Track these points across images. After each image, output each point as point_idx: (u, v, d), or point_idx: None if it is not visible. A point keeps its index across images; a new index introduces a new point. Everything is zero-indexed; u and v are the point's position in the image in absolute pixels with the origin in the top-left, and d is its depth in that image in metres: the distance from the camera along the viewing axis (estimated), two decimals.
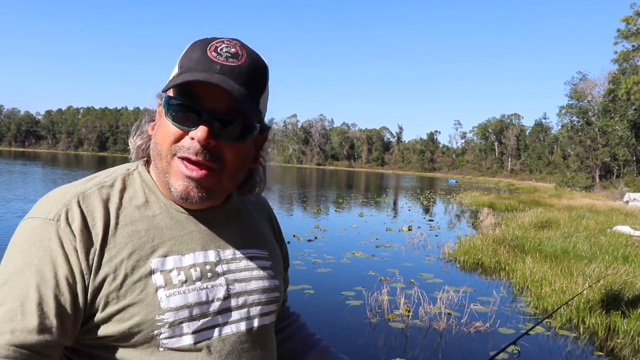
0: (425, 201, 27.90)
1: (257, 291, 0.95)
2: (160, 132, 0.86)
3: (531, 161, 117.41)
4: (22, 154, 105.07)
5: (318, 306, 6.13)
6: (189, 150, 0.83)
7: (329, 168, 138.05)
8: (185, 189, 0.84)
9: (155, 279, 0.83)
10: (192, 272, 0.86)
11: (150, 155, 0.90)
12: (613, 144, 49.99)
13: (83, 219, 0.82)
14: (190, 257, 0.88)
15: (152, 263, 0.83)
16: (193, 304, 0.84)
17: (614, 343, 5.26)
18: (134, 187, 0.90)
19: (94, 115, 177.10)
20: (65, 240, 0.79)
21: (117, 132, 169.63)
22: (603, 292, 6.37)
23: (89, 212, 0.83)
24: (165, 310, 0.82)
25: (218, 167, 0.85)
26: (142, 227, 0.86)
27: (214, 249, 0.92)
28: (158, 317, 0.81)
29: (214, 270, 0.89)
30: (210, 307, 0.87)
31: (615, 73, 46.65)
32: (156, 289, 0.82)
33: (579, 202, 24.42)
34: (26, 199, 16.09)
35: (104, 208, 0.84)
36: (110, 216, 0.84)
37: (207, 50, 0.83)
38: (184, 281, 0.85)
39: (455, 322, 5.69)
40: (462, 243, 10.36)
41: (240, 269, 0.94)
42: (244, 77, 0.83)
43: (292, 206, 20.29)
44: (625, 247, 9.98)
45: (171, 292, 0.83)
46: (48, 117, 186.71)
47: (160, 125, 0.87)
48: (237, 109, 0.83)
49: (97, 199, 0.85)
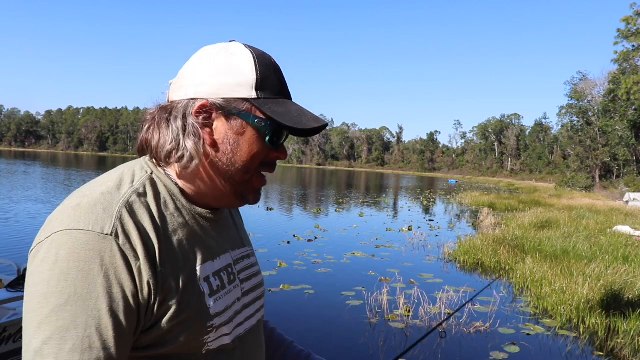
0: (425, 201, 27.90)
1: (256, 287, 1.02)
2: (247, 151, 0.88)
3: (531, 161, 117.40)
4: (22, 154, 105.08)
5: (318, 306, 6.13)
6: (271, 167, 0.92)
7: (329, 168, 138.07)
8: (259, 196, 0.94)
9: (203, 287, 0.85)
10: (223, 275, 0.91)
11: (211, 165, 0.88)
12: (613, 144, 49.99)
13: (139, 232, 0.78)
14: (218, 262, 0.91)
15: (198, 270, 0.85)
16: (228, 307, 0.89)
17: (614, 343, 5.26)
18: (162, 192, 0.87)
19: (94, 115, 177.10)
20: (130, 257, 0.75)
21: (117, 132, 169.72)
22: (603, 292, 6.37)
23: (141, 223, 0.79)
24: (213, 316, 0.85)
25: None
26: (183, 235, 0.85)
27: (229, 251, 0.96)
28: (209, 322, 0.85)
29: (233, 272, 0.95)
30: (235, 307, 0.92)
31: (615, 73, 46.65)
32: (205, 296, 0.85)
33: (579, 202, 24.43)
34: (31, 199, 16.10)
35: (150, 218, 0.81)
36: (159, 226, 0.81)
37: (278, 73, 0.91)
38: (221, 286, 0.89)
39: (456, 322, 5.70)
40: (462, 243, 10.36)
41: (245, 268, 1.00)
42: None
43: (292, 206, 20.29)
44: (625, 247, 9.99)
45: (215, 298, 0.87)
46: (48, 117, 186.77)
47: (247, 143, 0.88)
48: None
49: (142, 208, 0.81)
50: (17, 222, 11.44)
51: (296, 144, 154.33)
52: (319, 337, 5.19)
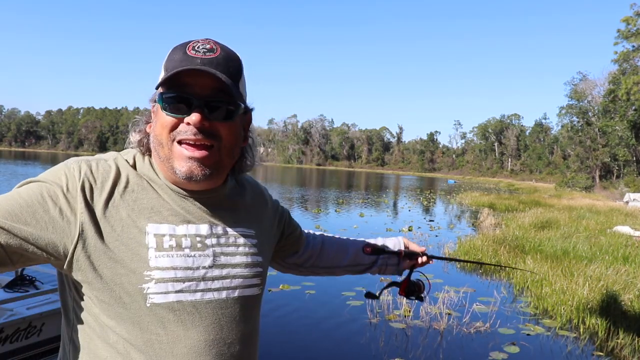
0: (425, 201, 27.90)
1: (240, 265, 1.04)
2: (157, 125, 0.98)
3: (531, 161, 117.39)
4: (22, 154, 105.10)
5: (319, 306, 6.13)
6: (186, 132, 0.94)
7: (329, 168, 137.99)
8: (189, 169, 0.95)
9: (148, 239, 0.94)
10: (183, 240, 0.97)
11: (152, 147, 1.00)
12: (613, 144, 49.96)
13: (87, 180, 0.93)
14: (183, 227, 0.98)
15: (148, 227, 0.95)
16: (178, 267, 0.95)
17: (614, 343, 5.26)
18: (144, 164, 1.01)
19: (94, 115, 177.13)
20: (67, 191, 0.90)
21: (117, 132, 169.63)
22: (603, 292, 6.37)
23: (94, 176, 0.94)
24: (153, 268, 0.92)
25: (216, 145, 0.96)
26: (145, 196, 0.97)
27: (207, 223, 1.02)
28: (146, 272, 0.92)
29: (204, 242, 1.00)
30: (195, 272, 0.97)
31: (615, 73, 46.65)
32: (147, 248, 0.93)
33: (579, 203, 24.43)
34: None
35: (116, 171, 0.97)
36: (121, 179, 0.96)
37: (186, 50, 0.95)
38: (174, 246, 0.96)
39: (456, 322, 5.70)
40: (462, 243, 10.36)
41: (229, 244, 1.04)
42: (222, 66, 0.95)
43: (292, 206, 20.30)
44: (626, 247, 9.98)
45: (160, 254, 0.94)
46: (48, 117, 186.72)
47: (157, 120, 0.98)
48: (221, 91, 0.95)
49: (103, 168, 0.96)
50: None
51: (296, 144, 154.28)
52: (319, 337, 5.19)
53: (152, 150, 1.00)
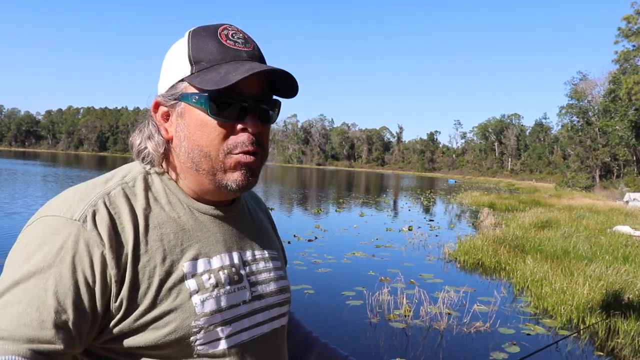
0: (425, 201, 27.89)
1: (275, 292, 0.95)
2: (200, 134, 0.82)
3: (531, 161, 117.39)
4: (22, 154, 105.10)
5: (318, 306, 6.13)
6: (245, 144, 0.82)
7: (329, 168, 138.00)
8: (245, 179, 0.84)
9: (188, 284, 0.81)
10: (222, 275, 0.85)
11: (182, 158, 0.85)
12: (613, 144, 49.96)
13: (111, 222, 0.77)
14: (217, 259, 0.86)
15: (184, 267, 0.81)
16: (224, 308, 0.84)
17: (614, 343, 5.26)
18: (155, 188, 0.87)
19: (94, 115, 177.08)
20: (92, 245, 0.74)
21: (117, 132, 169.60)
22: (603, 292, 6.37)
23: (117, 215, 0.78)
24: (200, 316, 0.80)
25: (261, 152, 0.86)
26: (170, 230, 0.83)
27: (237, 250, 0.91)
28: (194, 322, 0.80)
29: (239, 272, 0.89)
30: (238, 310, 0.86)
31: (615, 73, 46.64)
32: (190, 294, 0.80)
33: (579, 202, 24.42)
34: (44, 197, 16.10)
35: (130, 210, 0.80)
36: (139, 218, 0.80)
37: (220, 40, 0.82)
38: (215, 285, 0.84)
39: (456, 322, 5.70)
40: (462, 243, 10.36)
41: (260, 271, 0.93)
42: (262, 60, 0.86)
43: (292, 206, 20.29)
44: (626, 247, 9.99)
45: (205, 297, 0.81)
46: (48, 117, 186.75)
47: (196, 126, 0.82)
48: (267, 93, 0.85)
49: (123, 199, 0.81)
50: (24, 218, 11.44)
51: (296, 144, 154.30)
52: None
53: (182, 162, 0.85)
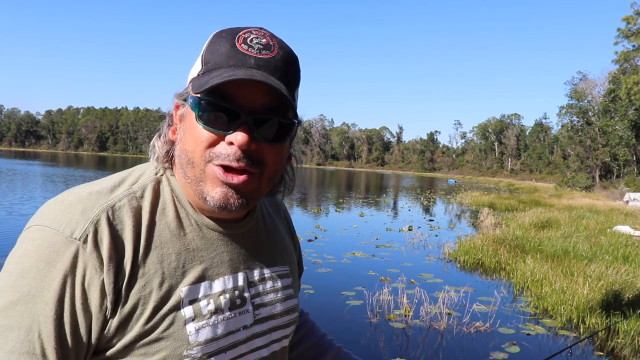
0: (425, 201, 27.89)
1: (280, 314, 0.90)
2: (189, 138, 0.76)
3: (531, 161, 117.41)
4: (22, 153, 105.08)
5: (318, 306, 6.13)
6: (228, 157, 0.73)
7: (329, 168, 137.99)
8: (224, 197, 0.75)
9: (184, 311, 0.76)
10: (222, 300, 0.80)
11: (176, 163, 0.80)
12: (613, 144, 49.99)
13: (113, 242, 0.72)
14: (219, 282, 0.81)
15: (182, 292, 0.76)
16: (221, 336, 0.79)
17: (614, 343, 5.26)
18: (164, 199, 0.80)
19: (94, 115, 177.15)
20: (90, 268, 0.70)
21: (117, 132, 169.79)
22: (603, 292, 6.37)
23: (119, 233, 0.73)
24: (193, 345, 0.75)
25: (259, 172, 0.76)
26: (173, 250, 0.77)
27: (243, 270, 0.85)
28: (186, 352, 0.75)
29: (242, 295, 0.83)
30: (236, 336, 0.81)
31: (615, 73, 46.66)
32: (185, 321, 0.75)
33: (579, 202, 24.42)
34: (43, 197, 16.10)
35: (134, 226, 0.75)
36: (141, 237, 0.75)
37: (235, 43, 0.75)
38: (214, 311, 0.78)
39: (456, 322, 5.70)
40: (462, 243, 10.36)
41: (267, 291, 0.88)
42: (280, 71, 0.76)
43: (292, 206, 20.29)
44: (626, 247, 9.98)
45: (200, 325, 0.76)
46: (48, 117, 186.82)
47: (188, 130, 0.77)
48: (274, 107, 0.75)
49: (129, 214, 0.75)
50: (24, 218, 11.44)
51: (296, 144, 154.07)
52: None
53: (178, 165, 0.80)
